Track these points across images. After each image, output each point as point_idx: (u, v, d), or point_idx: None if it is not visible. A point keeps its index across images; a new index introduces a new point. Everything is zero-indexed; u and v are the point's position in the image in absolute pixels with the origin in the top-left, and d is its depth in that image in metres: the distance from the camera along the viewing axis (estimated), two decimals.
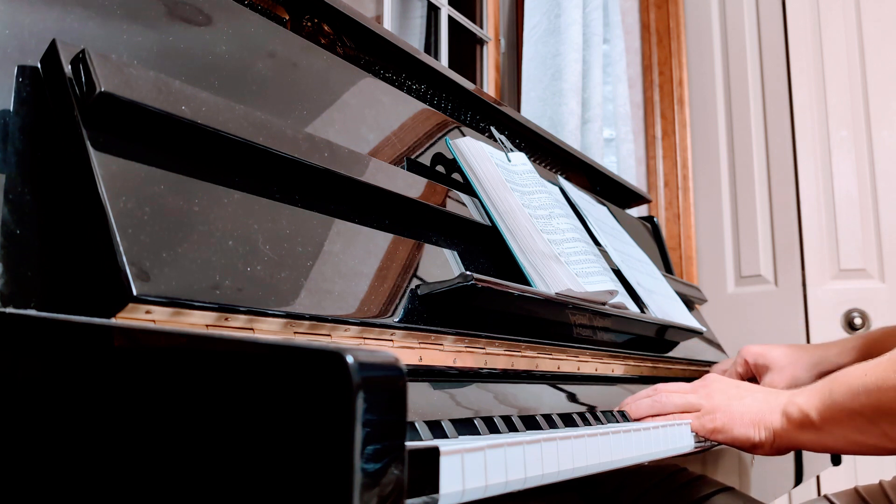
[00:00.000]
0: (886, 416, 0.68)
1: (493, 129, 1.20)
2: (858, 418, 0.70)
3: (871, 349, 1.00)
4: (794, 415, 0.75)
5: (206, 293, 0.51)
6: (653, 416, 0.84)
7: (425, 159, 0.94)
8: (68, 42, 0.54)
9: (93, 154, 0.51)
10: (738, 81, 2.34)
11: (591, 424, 0.83)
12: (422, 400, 0.67)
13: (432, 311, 0.73)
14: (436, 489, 0.41)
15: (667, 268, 1.75)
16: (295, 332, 0.58)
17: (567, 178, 1.38)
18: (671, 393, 0.84)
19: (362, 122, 0.85)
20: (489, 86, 2.05)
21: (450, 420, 0.65)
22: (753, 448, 0.78)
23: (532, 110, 1.90)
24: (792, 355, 1.06)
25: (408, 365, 0.68)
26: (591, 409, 0.89)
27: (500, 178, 0.98)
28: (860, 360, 0.99)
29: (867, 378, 0.69)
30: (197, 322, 0.51)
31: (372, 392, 0.33)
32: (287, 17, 0.91)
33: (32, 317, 0.47)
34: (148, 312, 0.48)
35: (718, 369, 1.22)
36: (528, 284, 0.91)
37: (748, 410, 0.78)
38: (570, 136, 1.84)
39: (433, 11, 1.96)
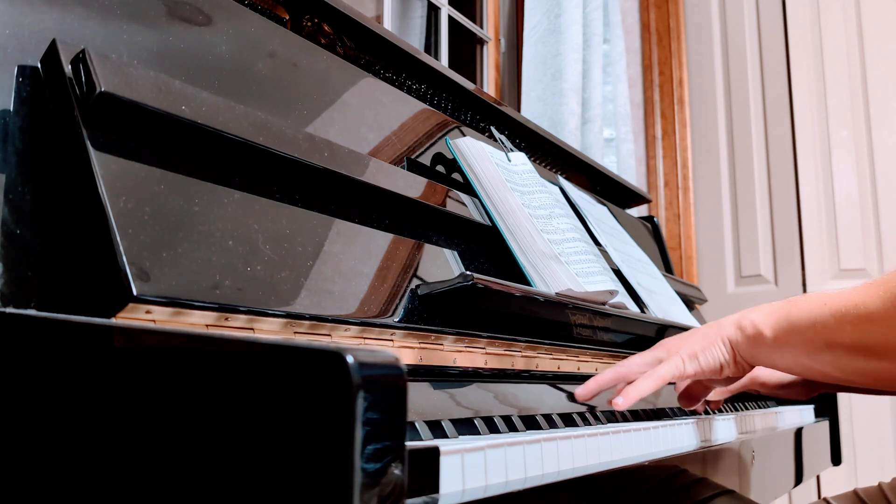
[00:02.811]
0: (838, 347, 0.69)
1: (493, 129, 1.20)
2: (810, 345, 0.71)
3: None
4: (748, 329, 0.76)
5: (206, 293, 0.51)
6: (618, 382, 0.84)
7: (425, 159, 0.94)
8: (68, 42, 0.54)
9: (93, 154, 0.50)
10: (738, 81, 2.34)
11: (591, 424, 0.83)
12: (422, 400, 0.67)
13: (432, 311, 0.73)
14: (436, 489, 0.41)
15: (667, 268, 1.75)
16: (295, 332, 0.58)
17: (567, 178, 1.38)
18: (632, 359, 0.85)
19: (362, 122, 0.85)
20: (489, 86, 2.05)
21: (450, 420, 0.65)
22: (721, 370, 0.79)
23: (532, 110, 1.90)
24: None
25: (408, 365, 0.68)
26: (592, 409, 0.89)
27: (500, 177, 0.98)
28: None
29: (825, 308, 0.70)
30: (197, 322, 0.51)
31: (372, 392, 0.33)
32: (287, 17, 0.91)
33: (32, 317, 0.47)
34: (148, 312, 0.48)
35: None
36: (528, 284, 0.91)
37: (704, 336, 0.79)
38: (570, 136, 1.84)
39: (433, 11, 1.96)
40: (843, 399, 1.98)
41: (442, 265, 0.81)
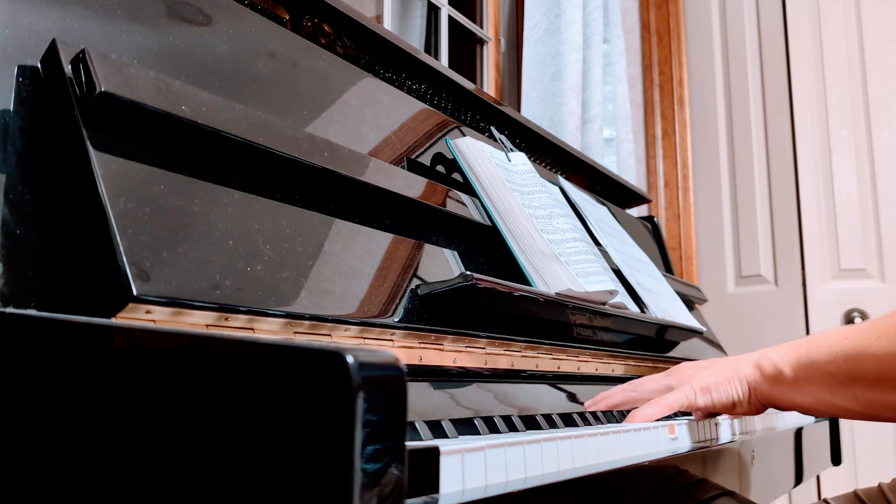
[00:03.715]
0: (862, 381, 0.69)
1: (493, 129, 1.20)
2: (833, 380, 0.70)
3: None
4: (767, 368, 0.75)
5: (206, 293, 0.51)
6: (628, 405, 0.85)
7: (425, 159, 0.94)
8: (68, 42, 0.54)
9: (93, 154, 0.50)
10: (738, 81, 2.34)
11: (591, 424, 0.83)
12: (422, 400, 0.67)
13: (432, 311, 0.73)
14: (436, 489, 0.41)
15: (667, 268, 1.75)
16: (295, 332, 0.58)
17: (567, 178, 1.38)
18: (644, 382, 0.85)
19: (362, 122, 0.85)
20: (489, 86, 2.05)
21: (450, 420, 0.65)
22: (734, 407, 0.78)
23: (532, 110, 1.90)
24: None
25: (408, 365, 0.68)
26: None
27: (500, 177, 0.98)
28: None
29: (847, 342, 0.69)
30: (197, 322, 0.51)
31: (372, 392, 0.33)
32: (287, 17, 0.91)
33: (32, 317, 0.47)
34: (148, 312, 0.48)
35: None
36: (529, 284, 0.91)
37: (721, 371, 0.79)
38: (570, 136, 1.84)
39: (433, 11, 1.96)
40: None
41: (442, 265, 0.81)
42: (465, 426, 0.67)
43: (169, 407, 0.38)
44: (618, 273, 1.21)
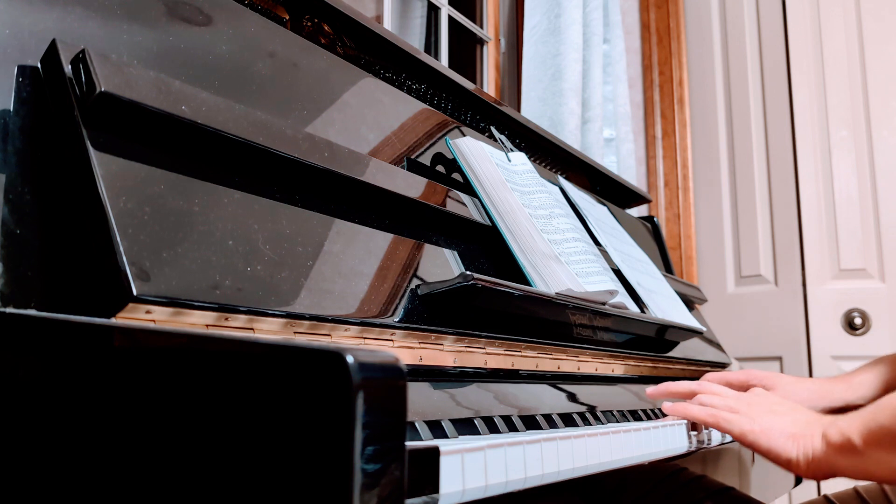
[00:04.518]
0: None
1: (493, 129, 1.20)
2: None
3: (882, 380, 0.98)
4: (835, 438, 0.72)
5: (206, 293, 0.51)
6: (687, 395, 0.84)
7: (425, 159, 0.94)
8: (68, 42, 0.54)
9: (93, 154, 0.50)
10: (738, 81, 2.34)
11: (591, 424, 0.83)
12: (422, 400, 0.67)
13: (432, 311, 0.73)
14: (436, 489, 0.41)
15: (667, 268, 1.75)
16: (295, 332, 0.58)
17: (567, 178, 1.38)
18: (714, 387, 0.83)
19: (362, 122, 0.85)
20: (489, 86, 2.05)
21: (450, 420, 0.65)
22: (788, 464, 0.75)
23: (532, 110, 1.90)
24: (797, 383, 1.03)
25: (408, 365, 0.68)
26: (592, 408, 0.89)
27: (500, 177, 0.98)
28: (871, 393, 0.97)
29: None
30: (197, 322, 0.51)
31: (372, 392, 0.33)
32: (287, 17, 0.91)
33: (32, 317, 0.47)
34: (148, 312, 0.48)
35: (716, 378, 1.21)
36: (529, 284, 0.91)
37: (788, 426, 0.75)
38: (570, 136, 1.84)
39: (433, 11, 1.96)
40: None
41: (442, 265, 0.81)
42: (465, 426, 0.67)
43: (169, 407, 0.38)
44: (618, 273, 1.21)
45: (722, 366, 1.47)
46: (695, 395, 0.84)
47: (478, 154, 0.99)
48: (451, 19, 1.97)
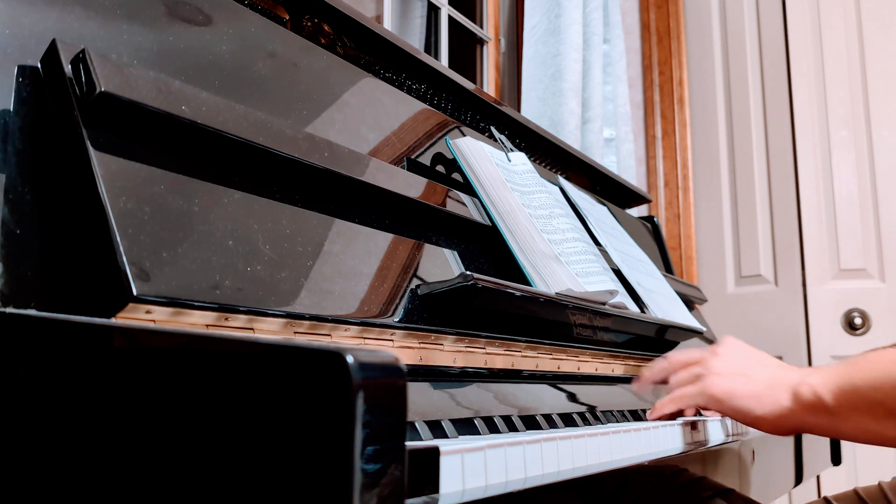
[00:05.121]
0: None
1: (493, 129, 1.20)
2: (879, 408, 0.66)
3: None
4: (806, 396, 0.70)
5: (206, 293, 0.51)
6: (662, 378, 0.83)
7: (425, 159, 0.94)
8: (68, 42, 0.54)
9: (93, 154, 0.50)
10: (738, 81, 2.34)
11: (591, 424, 0.83)
12: (422, 400, 0.67)
13: (432, 311, 0.73)
14: (436, 489, 0.41)
15: (667, 268, 1.75)
16: (295, 332, 0.58)
17: (567, 178, 1.38)
18: (680, 368, 0.82)
19: (362, 122, 0.85)
20: (489, 86, 2.05)
21: (450, 420, 0.65)
22: (755, 422, 0.74)
23: (532, 110, 1.90)
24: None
25: (408, 365, 0.68)
26: (592, 408, 0.89)
27: (500, 177, 0.98)
28: None
29: (894, 367, 0.65)
30: (197, 322, 0.51)
31: (372, 392, 0.33)
32: (287, 17, 0.91)
33: (32, 317, 0.47)
34: (148, 312, 0.48)
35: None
36: (529, 284, 0.91)
37: (750, 386, 0.74)
38: (570, 136, 1.84)
39: (433, 11, 1.96)
40: None
41: (442, 265, 0.81)
42: (465, 426, 0.67)
43: (169, 407, 0.38)
44: (618, 273, 1.21)
45: None
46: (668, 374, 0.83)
47: (478, 154, 0.99)
48: (451, 19, 1.97)
